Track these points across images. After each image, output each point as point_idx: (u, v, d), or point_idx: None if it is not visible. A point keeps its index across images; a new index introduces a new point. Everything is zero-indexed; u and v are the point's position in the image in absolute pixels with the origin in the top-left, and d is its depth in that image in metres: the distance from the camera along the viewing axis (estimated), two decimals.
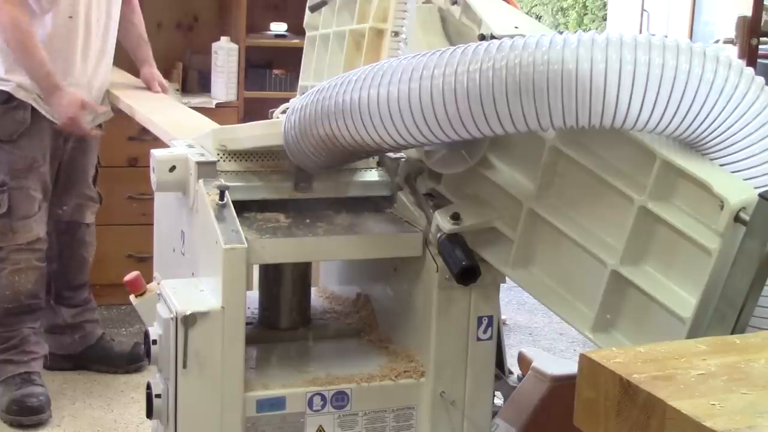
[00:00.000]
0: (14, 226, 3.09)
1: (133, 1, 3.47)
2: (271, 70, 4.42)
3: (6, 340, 3.14)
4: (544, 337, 4.05)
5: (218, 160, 2.01)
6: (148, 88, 3.45)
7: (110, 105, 3.29)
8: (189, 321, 1.77)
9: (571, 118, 1.54)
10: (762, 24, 3.51)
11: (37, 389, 3.10)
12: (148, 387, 1.91)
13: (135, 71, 3.55)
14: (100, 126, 3.28)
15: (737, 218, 1.46)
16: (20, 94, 3.05)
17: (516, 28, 1.79)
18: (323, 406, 1.92)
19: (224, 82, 4.24)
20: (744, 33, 3.48)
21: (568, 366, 2.34)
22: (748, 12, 3.51)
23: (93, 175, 3.37)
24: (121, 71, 3.87)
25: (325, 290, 2.37)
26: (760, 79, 1.53)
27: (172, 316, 1.79)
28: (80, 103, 3.05)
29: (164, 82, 3.50)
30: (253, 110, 4.07)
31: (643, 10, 10.14)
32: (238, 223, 1.85)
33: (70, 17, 3.08)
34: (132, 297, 2.07)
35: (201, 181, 1.95)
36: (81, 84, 3.15)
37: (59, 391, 3.27)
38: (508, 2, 1.94)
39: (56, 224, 3.32)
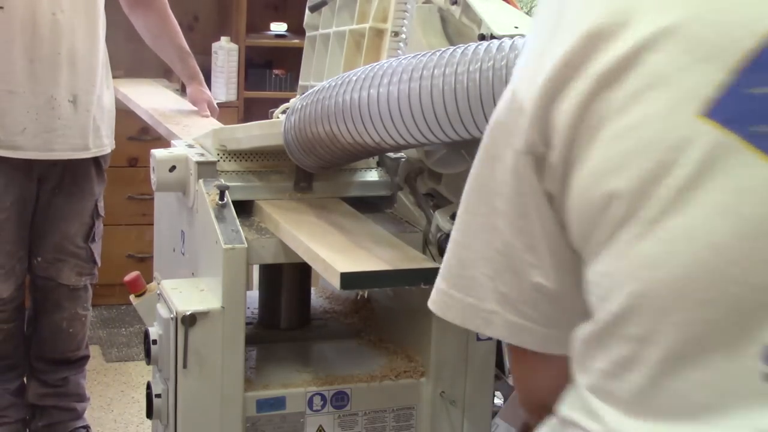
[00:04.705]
0: None
1: (161, 8, 2.93)
2: (271, 70, 4.43)
3: None
4: None
5: (218, 160, 2.01)
6: (196, 109, 2.90)
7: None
8: (189, 321, 1.78)
9: None
10: None
11: None
12: (148, 387, 1.92)
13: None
14: (97, 161, 2.72)
15: None
16: None
17: (516, 28, 1.79)
18: (323, 406, 1.92)
19: (224, 82, 4.25)
20: None
21: None
22: None
23: (84, 227, 2.74)
24: (162, 88, 3.63)
25: (325, 290, 2.36)
26: None
27: (172, 316, 1.79)
28: None
29: (214, 103, 2.94)
30: (253, 110, 4.08)
31: None
32: (238, 223, 1.86)
33: (1, 7, 2.49)
34: (132, 297, 2.07)
35: (201, 181, 1.95)
36: (22, 92, 2.53)
37: None
38: (508, 2, 1.94)
39: (32, 279, 2.75)
